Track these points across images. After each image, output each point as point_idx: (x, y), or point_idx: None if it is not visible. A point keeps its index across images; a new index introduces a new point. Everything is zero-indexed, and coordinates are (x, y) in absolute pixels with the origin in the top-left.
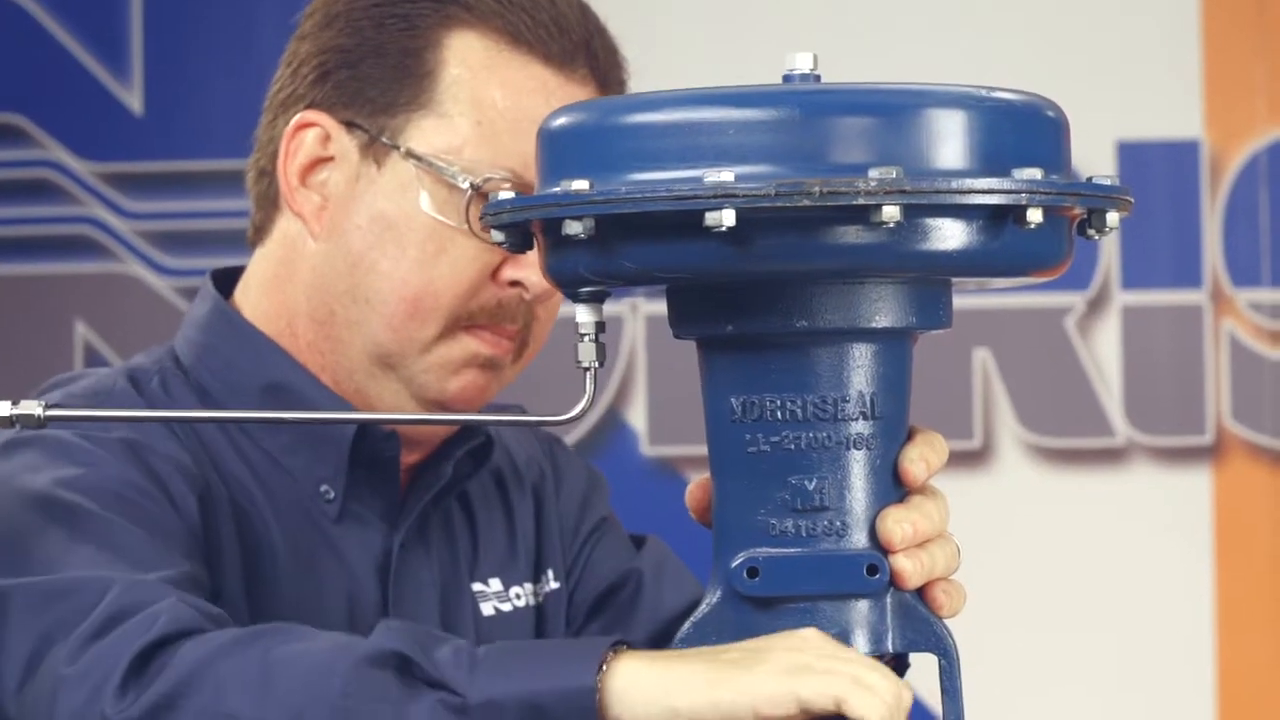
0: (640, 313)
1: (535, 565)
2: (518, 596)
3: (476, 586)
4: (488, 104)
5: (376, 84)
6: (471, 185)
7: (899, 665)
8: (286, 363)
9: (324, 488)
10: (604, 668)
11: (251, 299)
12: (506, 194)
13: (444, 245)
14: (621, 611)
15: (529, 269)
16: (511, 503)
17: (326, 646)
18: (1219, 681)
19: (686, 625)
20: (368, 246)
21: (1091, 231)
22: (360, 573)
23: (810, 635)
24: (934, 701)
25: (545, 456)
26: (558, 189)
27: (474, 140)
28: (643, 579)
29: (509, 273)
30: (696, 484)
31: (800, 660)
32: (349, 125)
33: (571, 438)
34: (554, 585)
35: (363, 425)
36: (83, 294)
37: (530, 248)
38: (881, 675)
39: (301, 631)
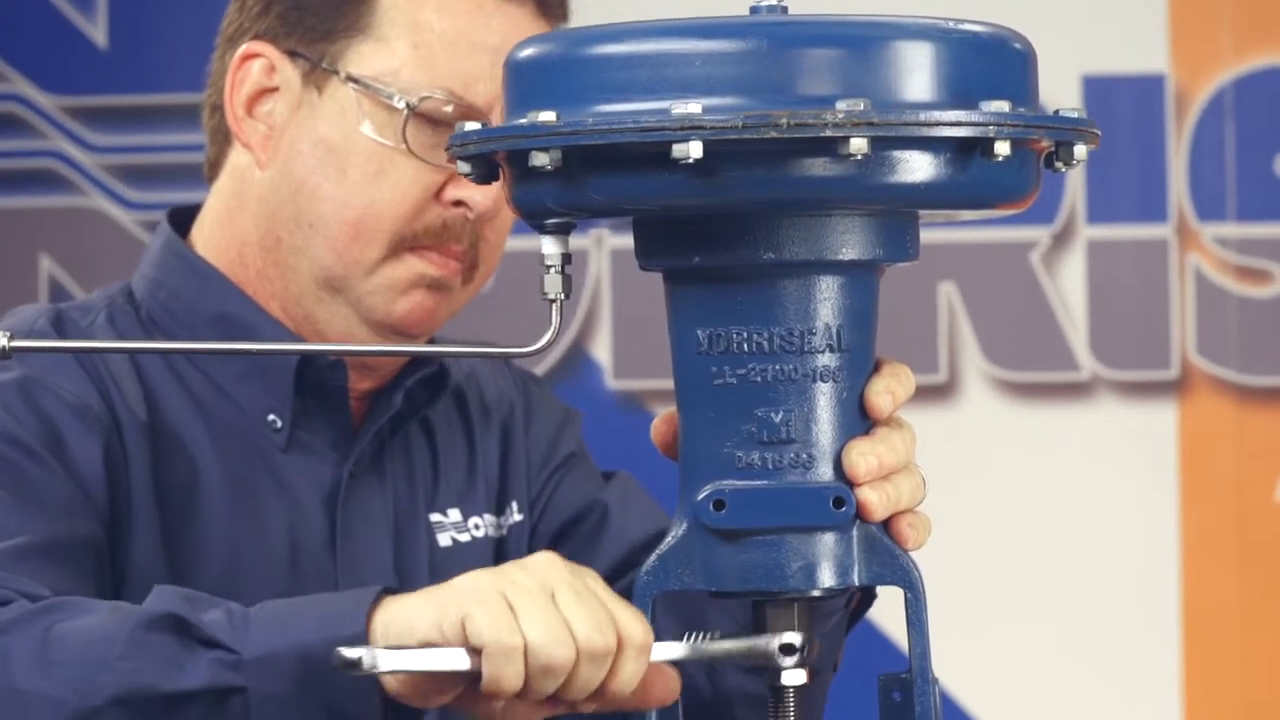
0: (605, 246)
1: (499, 497)
2: (476, 528)
3: (434, 517)
4: (424, 26)
5: (317, 12)
6: (408, 105)
7: (865, 599)
8: (234, 294)
9: (271, 417)
10: (373, 613)
11: (205, 233)
12: (472, 125)
13: (384, 167)
14: (585, 541)
15: (472, 189)
16: (475, 435)
17: (104, 617)
18: (1183, 614)
19: (652, 558)
20: (310, 171)
21: (1059, 164)
22: (306, 504)
23: (538, 559)
24: (900, 635)
25: (519, 392)
26: (524, 120)
27: (411, 62)
28: (608, 509)
29: (452, 193)
30: (662, 418)
31: (493, 584)
32: (291, 54)
33: (537, 370)
34: (517, 518)
35: (307, 355)
36: (47, 228)
37: (496, 179)
38: (533, 604)
39: (86, 605)
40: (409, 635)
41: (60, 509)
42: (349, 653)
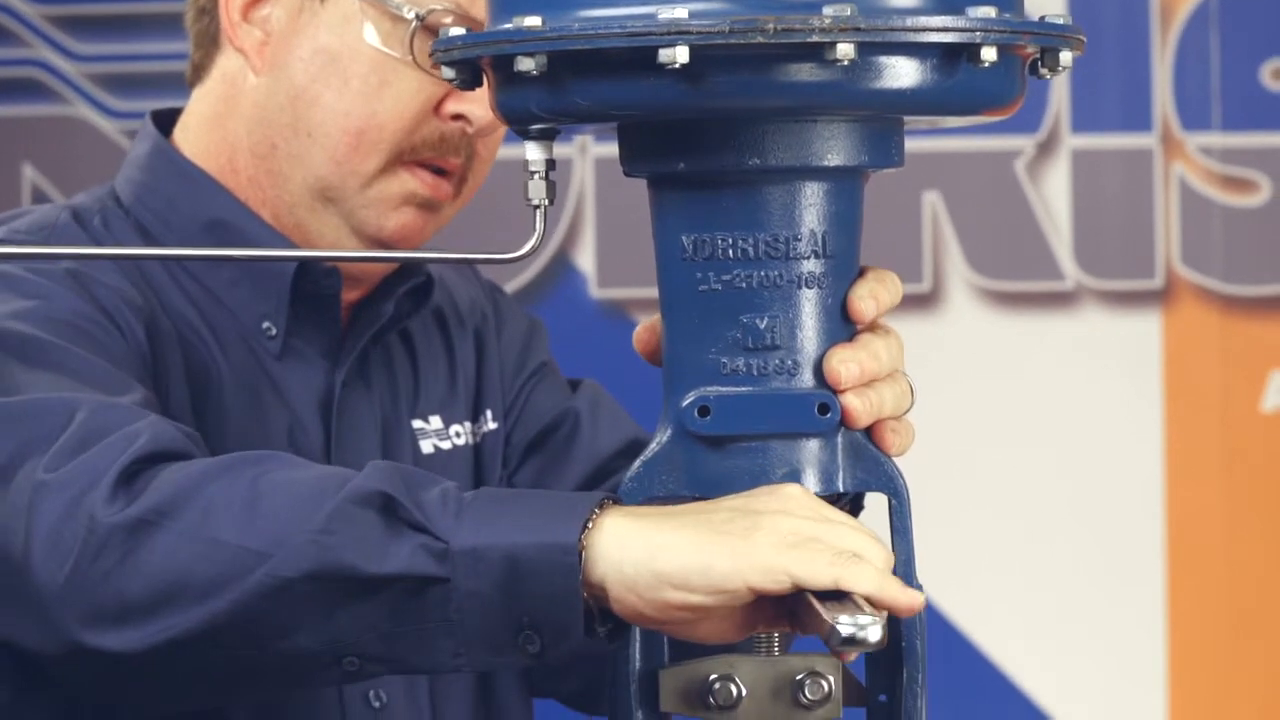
0: (589, 155)
1: (474, 405)
2: (457, 435)
3: (416, 424)
4: None
5: None
6: (416, 16)
7: (854, 506)
8: (226, 199)
9: (266, 324)
10: (589, 525)
11: (191, 137)
12: (457, 30)
13: (387, 77)
14: (558, 450)
15: (472, 103)
16: (453, 342)
17: (315, 478)
18: (1167, 523)
19: (636, 464)
20: (310, 80)
21: (1044, 70)
22: (302, 409)
23: (794, 494)
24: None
25: (488, 301)
26: (509, 25)
27: None
28: (579, 418)
29: (452, 106)
30: (644, 325)
31: (792, 530)
32: None
33: (521, 280)
34: (492, 425)
35: (304, 261)
36: (31, 137)
37: (480, 85)
38: (869, 540)
39: (292, 460)
40: (682, 574)
41: (139, 378)
42: (846, 630)
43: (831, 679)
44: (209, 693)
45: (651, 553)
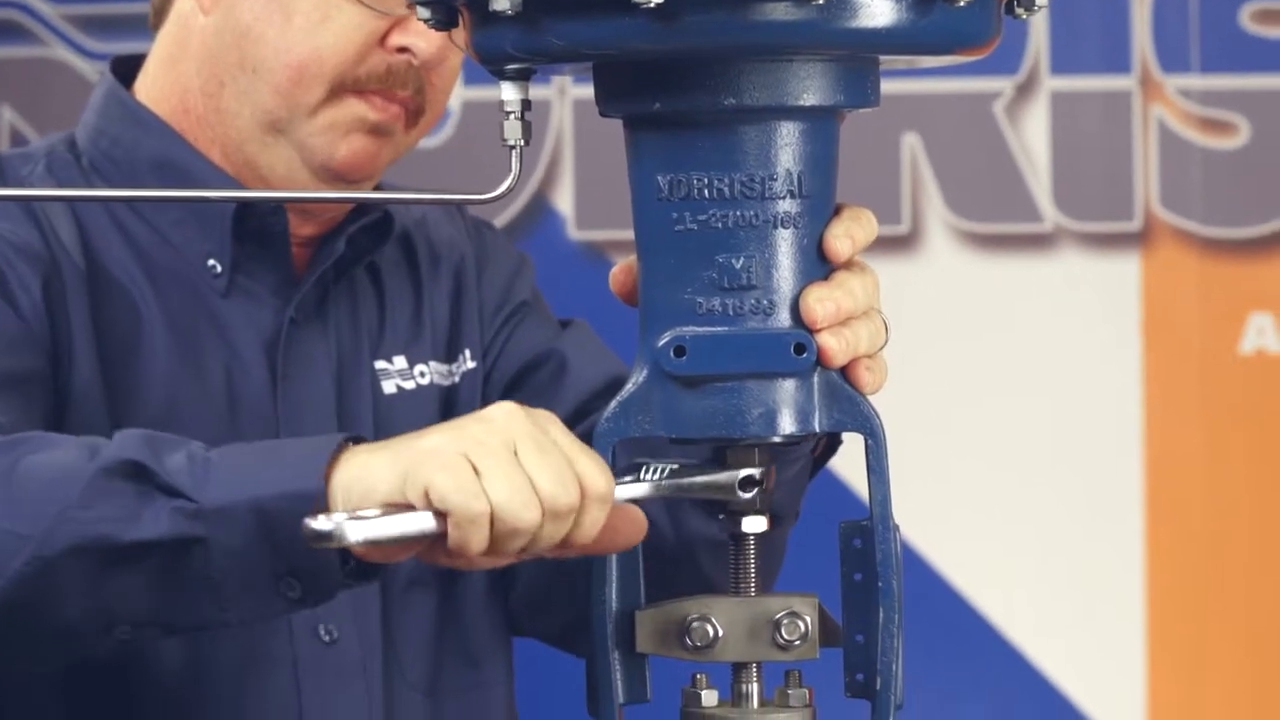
0: (567, 97)
1: (450, 345)
2: (421, 375)
3: (379, 364)
4: None
5: None
6: None
7: (829, 447)
8: (173, 139)
9: (210, 262)
10: (333, 467)
11: (149, 80)
12: None
13: (329, 13)
14: (542, 389)
15: (416, 35)
16: (422, 282)
17: (69, 454)
18: (1145, 465)
19: (612, 404)
20: (254, 18)
21: (1020, 10)
22: (245, 349)
23: (495, 412)
24: (861, 485)
25: (470, 239)
26: None
27: None
28: (565, 358)
29: (396, 39)
30: (621, 266)
31: (457, 444)
32: None
33: (499, 222)
34: (470, 365)
35: (274, 203)
36: (9, 79)
37: (456, 25)
38: (498, 465)
39: (50, 440)
40: (369, 497)
41: (8, 343)
42: (317, 524)
43: (809, 619)
44: None
45: (367, 482)
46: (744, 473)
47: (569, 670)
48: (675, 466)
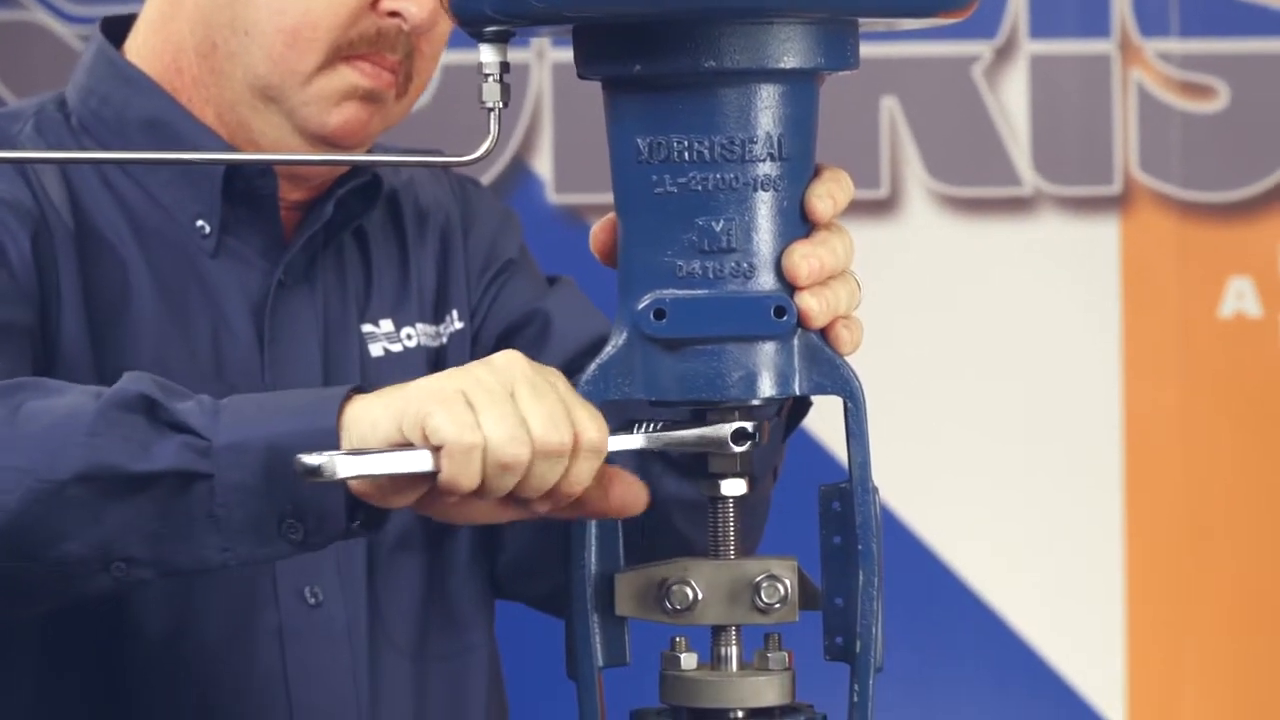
0: (547, 60)
1: (437, 306)
2: (409, 337)
3: (367, 328)
4: None
5: None
6: None
7: (802, 407)
8: (164, 100)
9: (200, 223)
10: (343, 411)
11: (140, 41)
12: None
13: None
14: (528, 347)
15: (408, 0)
16: (408, 244)
17: (76, 397)
18: (1125, 428)
19: (592, 367)
20: None
21: None
22: (233, 311)
23: (498, 358)
24: (840, 446)
25: (456, 199)
26: None
27: None
28: (550, 317)
29: (387, 3)
30: (600, 225)
31: (458, 384)
32: None
33: None
34: (458, 325)
35: (257, 164)
36: None
37: None
38: (493, 403)
39: (57, 385)
40: (371, 436)
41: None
42: (309, 459)
43: (788, 582)
44: None
45: (372, 422)
46: (736, 425)
47: (549, 633)
48: (662, 424)
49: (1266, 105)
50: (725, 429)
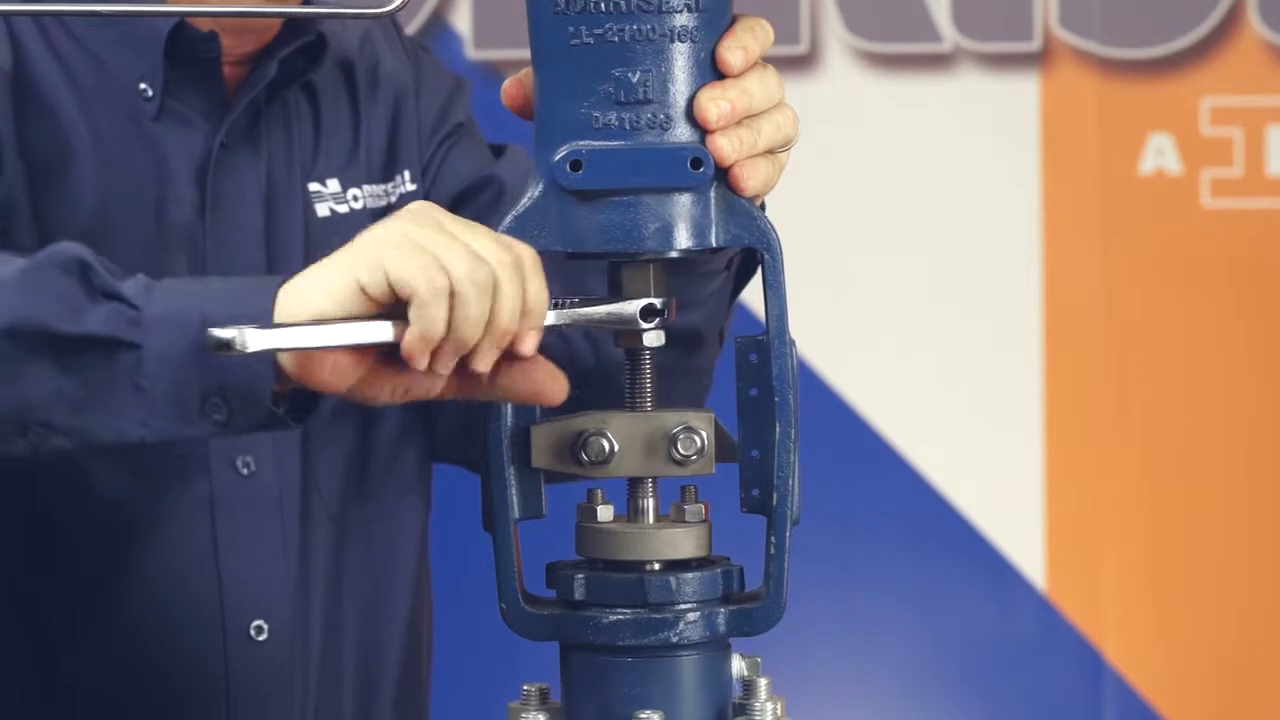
0: None
1: (387, 166)
2: (355, 199)
3: (313, 187)
4: None
5: None
6: None
7: (747, 264)
8: None
9: (142, 85)
10: (277, 295)
11: None
12: None
13: None
14: (482, 213)
15: None
16: (360, 105)
17: (8, 256)
18: (1044, 286)
19: (508, 219)
20: None
21: None
22: (177, 173)
23: (416, 207)
24: (758, 300)
25: (410, 61)
26: None
27: None
28: (504, 183)
29: None
30: (513, 79)
31: (401, 232)
32: None
33: None
34: (410, 187)
35: (180, 25)
36: None
37: None
38: (444, 242)
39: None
40: (304, 311)
41: None
42: (220, 332)
43: (705, 434)
44: None
45: (306, 298)
46: (644, 302)
47: (467, 486)
48: (577, 300)
49: None
50: (634, 305)
